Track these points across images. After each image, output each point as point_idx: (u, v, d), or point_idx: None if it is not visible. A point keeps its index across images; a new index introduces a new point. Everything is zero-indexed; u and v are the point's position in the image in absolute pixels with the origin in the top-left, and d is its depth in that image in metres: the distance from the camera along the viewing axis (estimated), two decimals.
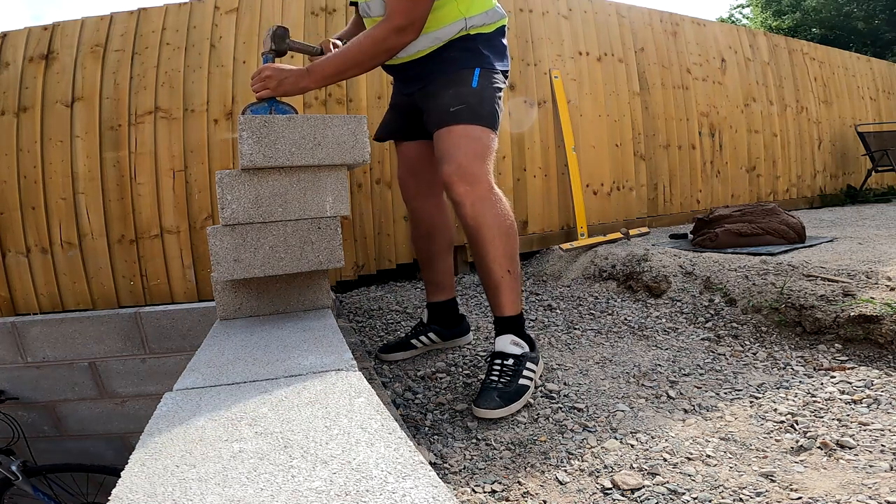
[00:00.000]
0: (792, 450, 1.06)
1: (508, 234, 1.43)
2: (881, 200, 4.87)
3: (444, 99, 1.46)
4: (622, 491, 0.96)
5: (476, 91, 1.46)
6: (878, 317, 1.56)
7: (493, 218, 1.40)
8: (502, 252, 1.42)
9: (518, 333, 1.44)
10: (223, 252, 1.27)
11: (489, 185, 1.42)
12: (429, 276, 1.79)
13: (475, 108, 1.44)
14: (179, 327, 2.47)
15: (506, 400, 1.30)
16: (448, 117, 1.44)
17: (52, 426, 2.58)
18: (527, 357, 1.41)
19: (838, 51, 5.33)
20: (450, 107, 1.44)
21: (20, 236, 2.56)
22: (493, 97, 1.49)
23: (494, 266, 1.42)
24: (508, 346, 1.41)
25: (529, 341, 1.47)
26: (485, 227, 1.40)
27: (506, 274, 1.42)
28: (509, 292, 1.44)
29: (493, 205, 1.40)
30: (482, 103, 1.45)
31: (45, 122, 2.55)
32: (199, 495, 0.52)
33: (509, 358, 1.39)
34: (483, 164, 1.42)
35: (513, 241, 1.44)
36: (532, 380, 1.39)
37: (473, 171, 1.39)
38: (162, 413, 0.73)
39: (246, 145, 1.24)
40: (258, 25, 2.70)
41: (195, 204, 2.63)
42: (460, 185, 1.38)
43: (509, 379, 1.34)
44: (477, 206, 1.39)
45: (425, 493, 0.50)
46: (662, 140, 3.75)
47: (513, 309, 1.45)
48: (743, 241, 2.50)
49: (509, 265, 1.43)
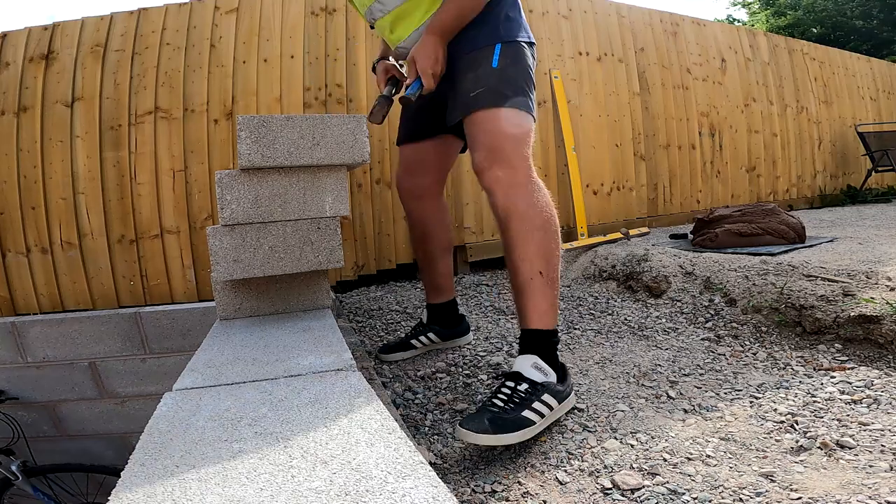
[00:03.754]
0: (792, 450, 1.06)
1: (545, 229, 1.24)
2: (881, 200, 4.87)
3: (464, 84, 1.33)
4: (622, 491, 0.96)
5: (496, 71, 1.31)
6: (878, 317, 1.55)
7: (528, 207, 1.23)
8: (535, 249, 1.22)
9: (546, 356, 1.19)
10: (223, 252, 1.27)
11: (526, 171, 1.26)
12: (427, 278, 1.75)
13: (497, 90, 1.30)
14: (179, 327, 2.47)
15: (496, 427, 1.05)
16: (470, 103, 1.31)
17: (52, 426, 2.58)
18: (548, 389, 1.14)
19: (838, 51, 5.33)
20: (469, 92, 1.31)
21: (20, 236, 2.56)
22: (517, 75, 1.33)
23: (522, 264, 1.22)
24: (528, 368, 1.16)
25: (560, 370, 1.22)
26: (516, 218, 1.22)
27: (536, 275, 1.21)
28: (539, 299, 1.21)
29: (529, 193, 1.24)
30: (504, 83, 1.30)
31: (45, 122, 2.55)
32: (199, 495, 0.51)
33: (523, 382, 1.14)
34: (518, 148, 1.26)
35: (550, 238, 1.24)
36: (544, 417, 1.13)
37: (506, 155, 1.25)
38: (162, 413, 0.73)
39: (244, 145, 1.24)
40: (258, 25, 2.70)
41: (195, 204, 2.63)
42: (491, 170, 1.25)
43: (513, 406, 1.10)
44: (510, 193, 1.23)
45: (425, 493, 0.50)
46: (662, 140, 3.75)
47: (542, 321, 1.21)
48: (743, 241, 2.50)
49: (542, 265, 1.22)
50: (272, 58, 2.71)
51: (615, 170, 3.50)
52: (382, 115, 1.39)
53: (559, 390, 1.18)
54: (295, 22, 2.73)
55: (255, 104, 2.68)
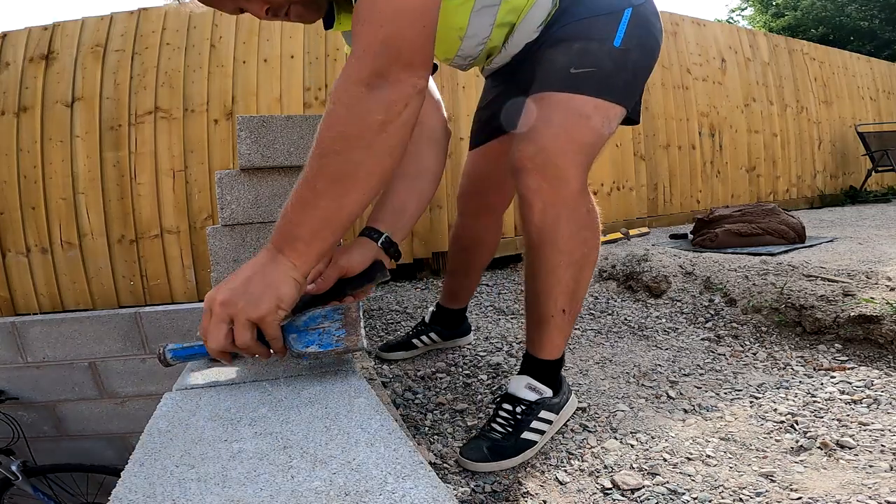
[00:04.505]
0: (792, 450, 1.06)
1: (581, 266, 1.06)
2: (881, 200, 4.87)
3: (565, 57, 1.01)
4: (622, 491, 0.96)
5: (618, 52, 1.01)
6: (878, 317, 1.55)
7: (569, 237, 1.02)
8: (564, 286, 1.06)
9: (545, 379, 1.15)
10: (223, 252, 1.27)
11: (578, 188, 1.00)
12: (450, 283, 1.65)
13: (609, 77, 1.00)
14: (179, 327, 2.47)
15: (496, 455, 1.05)
16: (558, 80, 1.01)
17: (52, 426, 2.58)
18: (543, 405, 1.12)
19: (838, 51, 5.33)
20: (570, 67, 1.00)
21: (20, 236, 2.56)
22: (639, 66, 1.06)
23: (546, 300, 1.08)
24: (521, 389, 1.13)
25: (555, 383, 1.16)
26: (550, 246, 1.03)
27: (558, 313, 1.08)
28: (556, 335, 1.11)
29: (575, 219, 1.02)
30: (621, 71, 1.01)
31: (45, 122, 2.55)
32: (199, 495, 0.51)
33: (519, 405, 1.11)
34: (578, 158, 1.00)
35: (584, 275, 1.08)
36: (544, 433, 1.12)
37: (561, 163, 0.98)
38: (162, 413, 0.73)
39: (244, 145, 1.24)
40: (258, 25, 2.70)
41: (195, 204, 2.63)
42: (535, 177, 0.99)
43: (511, 430, 1.09)
44: (549, 212, 1.00)
45: (425, 494, 0.50)
46: (662, 140, 3.75)
47: (551, 353, 1.13)
48: (743, 241, 2.50)
49: (567, 303, 1.08)
50: (272, 58, 2.71)
51: (615, 170, 3.50)
52: None
53: (554, 403, 1.15)
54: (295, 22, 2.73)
55: (255, 104, 2.68)
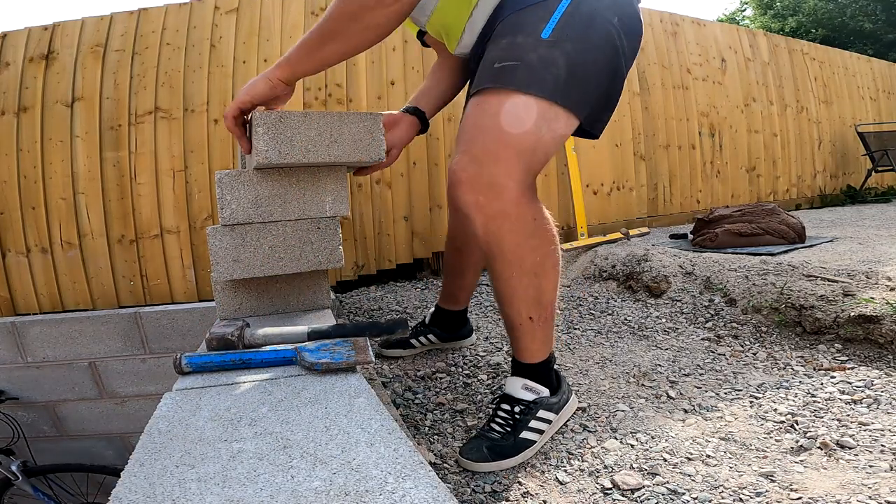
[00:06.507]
0: (792, 450, 1.06)
1: (536, 274, 1.03)
2: (881, 200, 4.87)
3: (494, 53, 0.99)
4: (622, 491, 0.96)
5: (546, 44, 0.95)
6: (878, 317, 1.55)
7: (514, 248, 0.99)
8: (523, 295, 1.04)
9: (537, 379, 1.15)
10: (222, 252, 1.27)
11: (517, 197, 0.96)
12: (447, 284, 1.64)
13: (534, 70, 0.94)
14: (179, 327, 2.47)
15: (495, 454, 1.06)
16: (485, 76, 0.99)
17: (52, 426, 2.58)
18: (541, 404, 1.12)
19: (838, 51, 5.33)
20: (495, 62, 0.97)
21: (20, 236, 2.56)
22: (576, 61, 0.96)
23: (510, 310, 1.08)
24: (518, 390, 1.13)
25: (551, 383, 1.16)
26: (500, 260, 1.02)
27: (525, 321, 1.08)
28: (528, 341, 1.10)
29: (518, 230, 0.98)
30: (550, 65, 0.95)
31: (45, 122, 2.55)
32: (199, 495, 0.51)
33: (517, 404, 1.12)
34: (515, 165, 0.95)
35: (545, 282, 1.05)
36: (543, 432, 1.12)
37: (495, 172, 0.94)
38: (162, 413, 0.73)
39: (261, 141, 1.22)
40: (258, 25, 2.70)
41: (195, 204, 2.63)
42: (470, 190, 0.96)
43: (509, 430, 1.10)
44: (490, 226, 0.97)
45: (425, 494, 0.50)
46: (662, 140, 3.75)
47: (532, 357, 1.13)
48: (743, 241, 2.50)
49: (532, 311, 1.06)
50: (272, 58, 2.71)
51: (615, 170, 3.50)
52: None
53: (552, 402, 1.15)
54: (295, 22, 2.73)
55: None
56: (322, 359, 0.86)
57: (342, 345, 0.92)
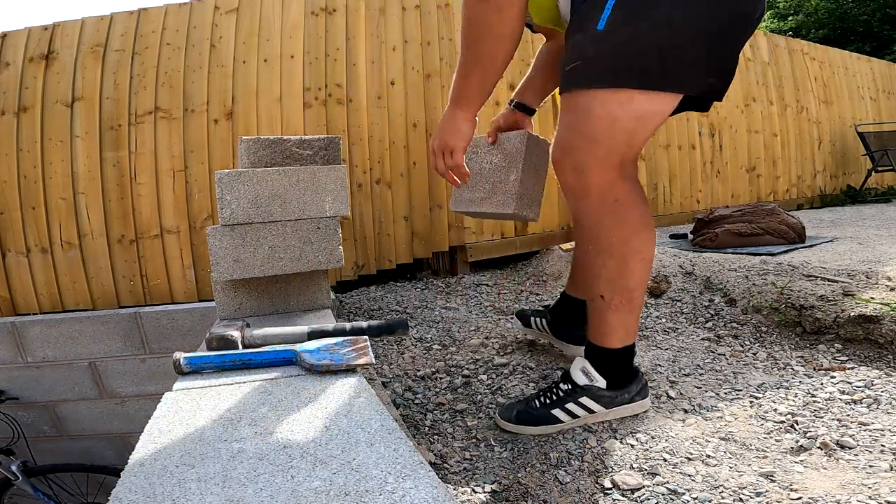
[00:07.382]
0: (792, 450, 1.06)
1: (611, 255, 1.09)
2: (881, 200, 4.87)
3: (566, 52, 1.07)
4: (622, 491, 0.96)
5: (601, 36, 0.97)
6: (878, 317, 1.55)
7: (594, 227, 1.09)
8: (597, 272, 1.12)
9: (599, 366, 1.17)
10: (223, 252, 1.27)
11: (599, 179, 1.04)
12: (572, 266, 1.56)
13: (591, 64, 0.99)
14: (179, 327, 2.48)
15: (519, 419, 1.16)
16: (561, 81, 1.08)
17: (52, 426, 2.58)
18: (588, 392, 1.16)
19: (838, 51, 5.33)
20: (565, 64, 1.05)
21: (20, 236, 2.56)
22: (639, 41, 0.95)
23: (588, 284, 1.17)
24: (576, 371, 1.18)
25: (615, 378, 1.17)
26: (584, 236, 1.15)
27: (597, 298, 1.13)
28: (597, 320, 1.15)
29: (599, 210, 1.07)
30: (604, 55, 0.98)
31: (45, 122, 2.55)
32: (199, 495, 0.52)
33: (568, 383, 1.18)
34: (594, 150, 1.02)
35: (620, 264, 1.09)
36: (577, 417, 1.16)
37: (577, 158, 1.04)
38: (162, 413, 0.73)
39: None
40: (258, 25, 2.70)
41: (195, 204, 2.63)
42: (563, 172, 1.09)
43: (548, 403, 1.17)
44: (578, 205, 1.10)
45: (425, 494, 0.50)
46: (662, 140, 3.75)
47: (598, 339, 1.16)
48: (743, 241, 2.50)
49: (605, 290, 1.11)
50: (272, 58, 2.71)
51: None
52: None
53: (603, 394, 1.17)
54: (295, 22, 2.73)
55: (255, 104, 2.68)
56: (322, 359, 0.86)
57: (342, 345, 0.93)
